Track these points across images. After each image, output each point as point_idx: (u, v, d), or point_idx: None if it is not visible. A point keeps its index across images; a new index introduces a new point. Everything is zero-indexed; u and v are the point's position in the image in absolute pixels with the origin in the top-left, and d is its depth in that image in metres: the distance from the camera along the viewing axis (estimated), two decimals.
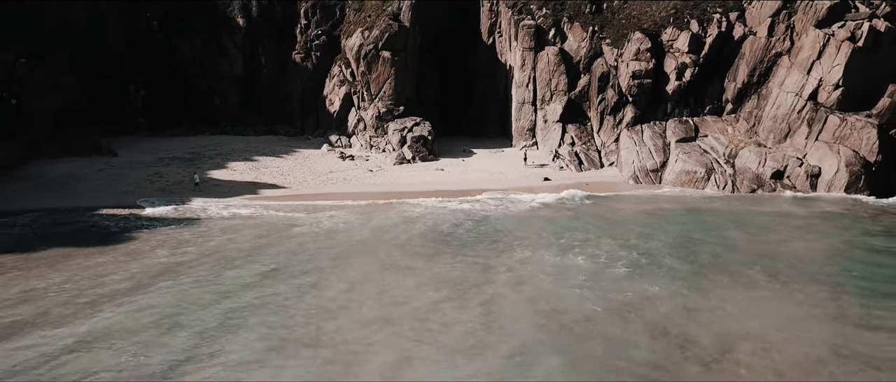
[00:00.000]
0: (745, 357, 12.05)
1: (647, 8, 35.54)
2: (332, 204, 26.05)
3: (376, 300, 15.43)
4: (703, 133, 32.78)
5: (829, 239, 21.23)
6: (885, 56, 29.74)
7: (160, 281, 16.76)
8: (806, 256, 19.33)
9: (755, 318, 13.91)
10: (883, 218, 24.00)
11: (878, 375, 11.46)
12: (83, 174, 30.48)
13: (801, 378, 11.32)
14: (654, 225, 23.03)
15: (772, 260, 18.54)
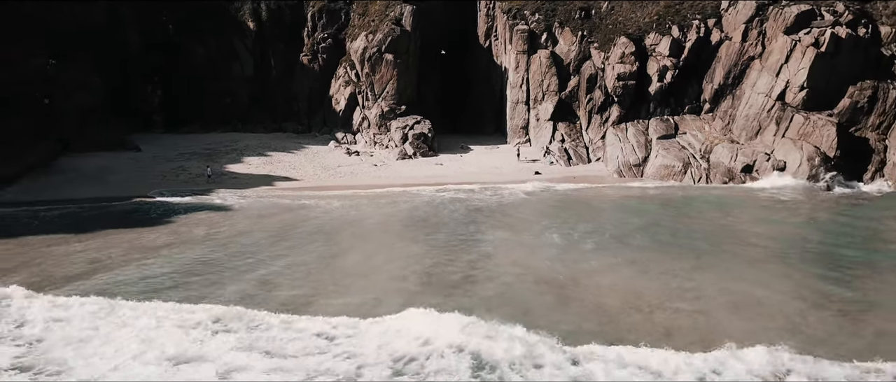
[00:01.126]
0: (676, 306, 15.96)
1: (632, 14, 39.64)
2: (342, 193, 30.15)
3: (389, 261, 19.44)
4: (682, 130, 36.86)
5: (771, 222, 25.25)
6: (845, 60, 33.80)
7: (203, 248, 20.80)
8: (748, 234, 23.31)
9: (687, 282, 17.82)
10: (827, 204, 28.09)
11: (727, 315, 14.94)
12: (113, 167, 34.67)
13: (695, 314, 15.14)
14: (628, 212, 27.10)
15: (716, 237, 22.55)
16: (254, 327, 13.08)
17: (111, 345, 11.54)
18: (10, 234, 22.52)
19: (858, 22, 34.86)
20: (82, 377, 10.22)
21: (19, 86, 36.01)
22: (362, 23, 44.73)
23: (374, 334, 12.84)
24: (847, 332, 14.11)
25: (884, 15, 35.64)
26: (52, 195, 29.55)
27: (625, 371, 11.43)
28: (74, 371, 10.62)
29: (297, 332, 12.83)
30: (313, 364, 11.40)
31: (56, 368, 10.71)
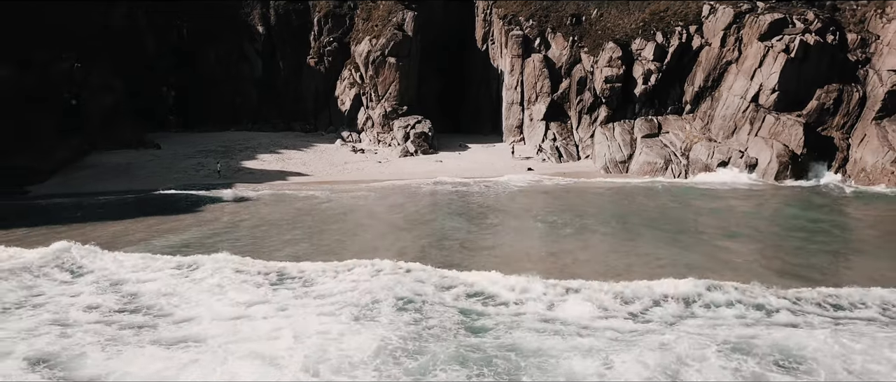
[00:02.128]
0: (627, 263, 19.85)
1: (619, 21, 43.70)
2: (350, 187, 34.22)
3: (397, 238, 23.42)
4: (665, 130, 40.91)
5: (730, 211, 29.20)
6: (813, 65, 37.84)
7: (232, 228, 24.83)
8: (705, 220, 27.24)
9: (634, 251, 21.74)
10: (784, 192, 32.18)
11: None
12: (138, 163, 38.76)
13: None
14: (608, 203, 31.10)
15: (678, 222, 26.50)
16: (296, 278, 17.11)
17: (191, 294, 15.55)
18: (62, 221, 26.56)
19: (827, 29, 38.88)
20: (178, 315, 14.20)
21: (48, 89, 40.18)
22: (366, 27, 48.82)
23: (384, 283, 16.71)
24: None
25: (851, 23, 39.68)
26: (86, 188, 33.69)
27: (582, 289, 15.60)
28: (172, 310, 14.61)
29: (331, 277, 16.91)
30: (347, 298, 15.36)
31: (157, 310, 14.66)
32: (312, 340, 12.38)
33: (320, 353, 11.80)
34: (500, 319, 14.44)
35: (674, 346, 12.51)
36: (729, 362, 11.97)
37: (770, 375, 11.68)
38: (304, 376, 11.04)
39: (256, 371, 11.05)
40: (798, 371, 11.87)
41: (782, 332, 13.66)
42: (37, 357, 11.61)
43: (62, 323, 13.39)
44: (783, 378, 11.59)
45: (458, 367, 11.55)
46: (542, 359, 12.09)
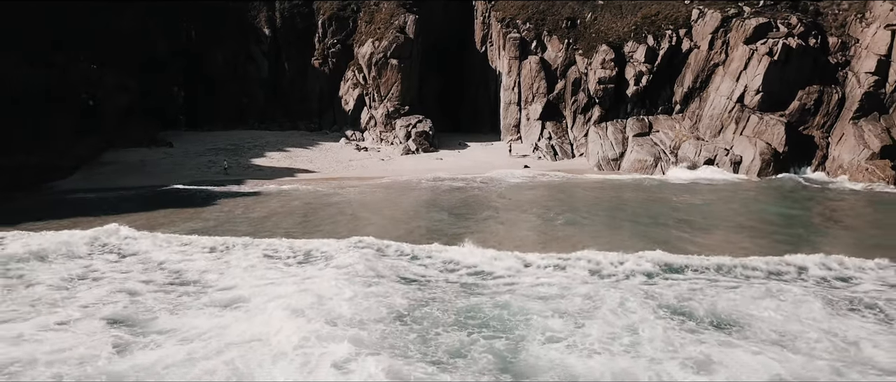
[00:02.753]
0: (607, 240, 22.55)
1: (612, 24, 46.51)
2: (356, 183, 37.00)
3: (403, 224, 26.16)
4: (655, 129, 43.72)
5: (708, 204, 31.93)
6: (796, 67, 40.62)
7: (248, 218, 27.61)
8: (681, 212, 29.98)
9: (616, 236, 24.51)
10: (762, 187, 34.96)
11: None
12: (153, 161, 41.58)
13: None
14: (597, 197, 33.86)
15: (648, 213, 29.16)
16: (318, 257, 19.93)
17: (228, 269, 18.36)
18: (91, 212, 29.28)
19: (809, 33, 41.67)
20: (221, 284, 17.00)
21: (67, 89, 42.97)
22: (369, 30, 51.64)
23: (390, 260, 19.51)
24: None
25: (833, 27, 42.50)
26: (106, 183, 36.48)
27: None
28: (214, 282, 17.38)
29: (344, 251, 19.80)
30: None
31: (202, 282, 17.43)
32: (333, 301, 15.20)
33: (339, 308, 14.65)
34: (494, 285, 17.25)
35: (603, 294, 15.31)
36: (670, 322, 14.65)
37: (687, 316, 14.44)
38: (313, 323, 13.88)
39: (289, 319, 13.85)
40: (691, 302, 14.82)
41: (713, 289, 16.49)
42: (115, 319, 14.38)
43: (128, 292, 16.17)
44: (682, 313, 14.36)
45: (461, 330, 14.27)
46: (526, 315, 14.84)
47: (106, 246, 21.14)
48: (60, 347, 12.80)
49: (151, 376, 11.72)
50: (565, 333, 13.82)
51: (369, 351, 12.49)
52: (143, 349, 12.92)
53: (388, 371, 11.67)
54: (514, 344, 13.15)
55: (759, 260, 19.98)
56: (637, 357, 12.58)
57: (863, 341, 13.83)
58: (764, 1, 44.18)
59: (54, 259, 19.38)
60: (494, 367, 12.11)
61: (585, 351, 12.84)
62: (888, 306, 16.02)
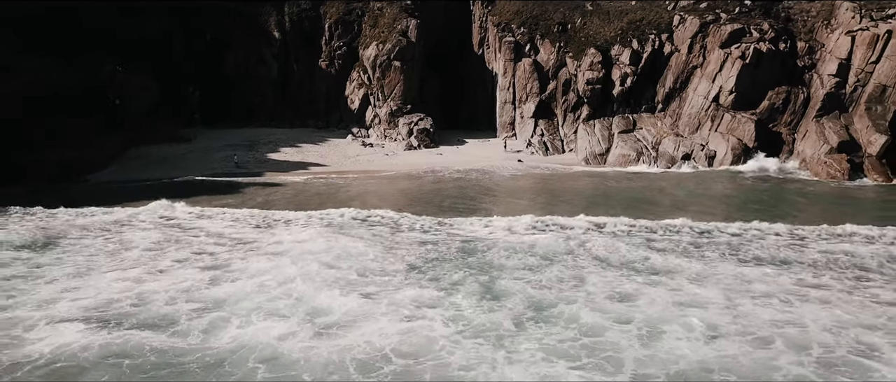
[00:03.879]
0: None
1: (600, 29, 52.33)
2: (363, 175, 42.74)
3: (412, 204, 31.87)
4: (639, 126, 49.49)
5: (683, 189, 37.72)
6: (766, 70, 46.37)
7: (274, 202, 33.31)
8: (654, 195, 35.71)
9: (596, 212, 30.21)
10: (730, 177, 40.73)
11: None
12: (175, 155, 47.31)
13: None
14: (581, 185, 39.59)
15: (626, 197, 34.95)
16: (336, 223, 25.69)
17: (272, 234, 24.16)
18: (131, 199, 34.96)
19: (780, 38, 47.47)
20: (270, 241, 22.78)
21: (94, 90, 48.71)
22: (373, 33, 57.39)
23: (404, 232, 25.23)
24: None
25: (802, 32, 48.30)
26: (136, 175, 42.18)
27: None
28: (263, 244, 23.15)
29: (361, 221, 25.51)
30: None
31: (257, 242, 23.26)
32: (358, 259, 20.96)
33: (354, 264, 20.47)
34: (483, 245, 22.98)
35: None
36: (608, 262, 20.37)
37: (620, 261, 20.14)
38: (352, 270, 19.64)
39: (323, 270, 19.56)
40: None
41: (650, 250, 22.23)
42: (203, 265, 20.14)
43: (205, 250, 21.92)
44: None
45: (460, 271, 19.94)
46: (503, 264, 20.55)
47: (171, 222, 26.90)
48: (169, 284, 18.46)
49: (239, 299, 17.40)
50: (528, 276, 19.56)
51: (394, 286, 18.28)
52: (228, 282, 18.60)
53: (412, 295, 17.40)
54: (493, 281, 18.88)
55: (693, 223, 25.82)
56: (577, 290, 18.29)
57: (755, 281, 19.53)
58: (739, 8, 50.01)
59: (134, 231, 25.12)
60: (480, 291, 17.86)
61: (541, 286, 18.58)
62: (780, 256, 21.82)
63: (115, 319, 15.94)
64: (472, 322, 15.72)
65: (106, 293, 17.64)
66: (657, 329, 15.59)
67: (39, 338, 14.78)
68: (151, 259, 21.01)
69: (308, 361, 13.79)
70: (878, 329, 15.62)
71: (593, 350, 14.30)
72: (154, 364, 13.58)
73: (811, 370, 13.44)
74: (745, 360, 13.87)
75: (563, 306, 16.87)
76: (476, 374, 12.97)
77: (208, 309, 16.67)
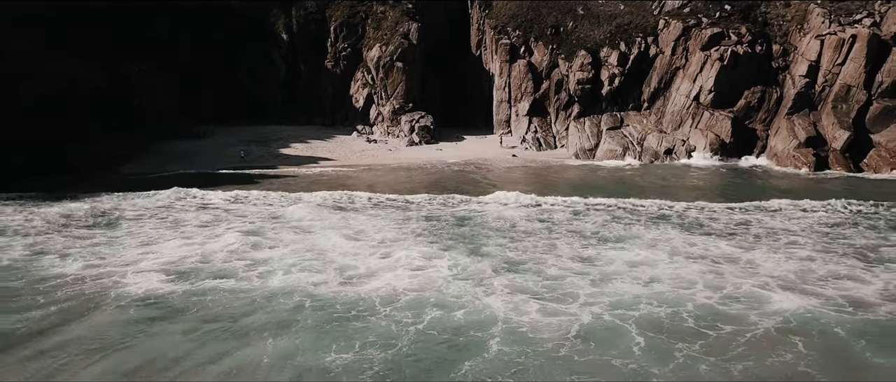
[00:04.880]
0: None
1: (590, 33, 57.70)
2: (370, 168, 48.06)
3: (415, 192, 37.21)
4: (626, 123, 54.85)
5: (660, 179, 43.03)
6: (743, 71, 51.74)
7: (294, 189, 38.62)
8: (630, 183, 40.99)
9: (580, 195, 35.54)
10: (700, 168, 46.02)
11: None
12: (194, 151, 52.61)
13: None
14: (569, 176, 44.90)
15: (604, 185, 40.27)
16: (351, 205, 31.00)
17: (295, 212, 29.55)
18: (166, 187, 40.19)
19: (756, 41, 52.84)
20: (293, 218, 28.12)
21: (117, 90, 54.04)
22: (376, 35, 62.77)
23: (412, 211, 30.54)
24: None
25: (777, 35, 53.67)
26: (163, 168, 47.42)
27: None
28: (296, 221, 28.51)
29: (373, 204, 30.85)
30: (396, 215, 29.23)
31: (284, 217, 28.62)
32: (374, 230, 26.29)
33: (370, 235, 25.79)
34: (476, 218, 28.29)
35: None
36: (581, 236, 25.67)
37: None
38: (369, 238, 24.95)
39: (346, 241, 24.85)
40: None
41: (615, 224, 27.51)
42: (245, 233, 25.45)
43: (245, 224, 27.31)
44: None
45: (455, 238, 25.22)
46: (489, 233, 25.83)
47: (210, 205, 32.29)
48: (220, 247, 23.80)
49: (279, 259, 22.67)
50: (508, 243, 24.89)
51: (404, 248, 23.62)
52: (266, 248, 23.91)
53: (419, 253, 22.73)
54: (479, 246, 24.24)
55: (660, 202, 31.28)
56: (547, 254, 23.57)
57: (698, 245, 24.83)
58: (720, 13, 55.41)
59: (181, 212, 30.49)
60: (470, 251, 23.23)
61: (516, 250, 23.90)
62: (725, 229, 27.14)
63: (189, 271, 21.23)
64: (463, 271, 21.04)
65: (175, 254, 22.96)
66: (608, 278, 20.88)
67: (133, 283, 20.04)
68: (202, 231, 26.32)
69: (339, 299, 19.02)
70: (780, 279, 20.91)
71: (553, 290, 19.58)
72: (229, 297, 18.86)
73: (716, 300, 18.73)
74: (669, 295, 19.14)
75: (531, 264, 22.18)
76: (464, 300, 18.27)
77: (257, 265, 21.98)
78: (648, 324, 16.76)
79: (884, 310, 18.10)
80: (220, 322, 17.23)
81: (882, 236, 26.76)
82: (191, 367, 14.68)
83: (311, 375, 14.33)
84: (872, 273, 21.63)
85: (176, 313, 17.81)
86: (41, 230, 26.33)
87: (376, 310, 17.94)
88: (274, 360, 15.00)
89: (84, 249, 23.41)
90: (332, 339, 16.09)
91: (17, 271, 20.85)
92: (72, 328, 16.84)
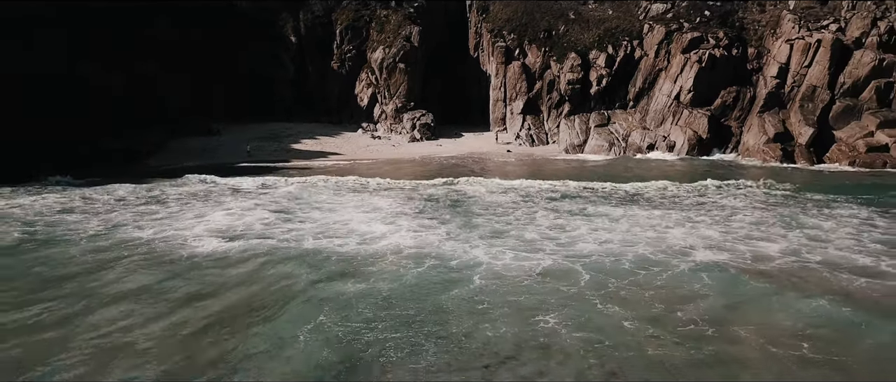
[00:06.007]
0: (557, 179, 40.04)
1: (580, 36, 64.12)
2: (376, 161, 54.42)
3: (419, 179, 43.60)
4: (613, 121, 61.23)
5: (640, 169, 49.33)
6: (719, 72, 58.11)
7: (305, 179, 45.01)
8: (610, 172, 47.28)
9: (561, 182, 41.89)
10: (682, 163, 52.32)
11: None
12: (210, 146, 59.05)
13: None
14: (558, 168, 51.19)
15: (588, 175, 46.61)
16: (365, 187, 37.37)
17: (316, 194, 35.90)
18: (190, 177, 46.57)
19: (733, 45, 59.21)
20: (315, 200, 34.52)
21: (139, 89, 60.51)
22: (380, 38, 69.24)
23: (416, 192, 36.88)
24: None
25: (753, 39, 60.04)
26: (184, 162, 53.89)
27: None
28: (312, 198, 34.90)
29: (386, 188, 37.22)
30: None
31: (306, 199, 35.03)
32: (384, 207, 32.68)
33: (382, 210, 32.17)
34: (469, 199, 34.62)
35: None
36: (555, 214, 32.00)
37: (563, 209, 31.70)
38: (387, 214, 31.33)
39: (363, 215, 31.21)
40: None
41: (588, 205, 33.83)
42: (275, 211, 31.90)
43: (275, 204, 33.74)
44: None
45: (450, 212, 31.59)
46: (479, 210, 32.15)
47: (241, 190, 38.67)
48: (256, 220, 30.17)
49: (306, 229, 29.01)
50: (495, 217, 31.23)
51: (408, 219, 29.96)
52: (293, 222, 30.26)
53: (420, 224, 29.09)
54: (470, 219, 30.62)
55: (631, 185, 37.68)
56: (526, 226, 29.89)
57: (656, 218, 31.14)
58: (700, 18, 61.80)
59: (218, 195, 36.89)
60: (462, 223, 29.61)
61: (502, 223, 30.25)
62: (683, 204, 33.51)
63: (237, 235, 27.59)
64: (456, 236, 27.40)
65: (222, 224, 29.33)
66: (572, 241, 27.21)
67: (197, 245, 26.37)
68: (239, 208, 32.69)
69: (358, 254, 25.33)
70: (708, 240, 27.21)
71: (527, 248, 25.93)
72: (272, 253, 25.19)
73: (650, 253, 25.03)
74: (615, 249, 25.46)
75: (512, 231, 28.56)
76: (455, 253, 24.62)
77: (291, 232, 28.35)
78: (593, 266, 23.09)
79: (776, 261, 24.42)
80: (270, 267, 23.57)
81: (806, 211, 33.13)
82: (257, 292, 20.98)
83: (334, 297, 20.59)
84: (784, 238, 27.97)
85: (235, 263, 24.15)
86: (106, 209, 32.76)
87: (386, 259, 24.29)
88: (308, 286, 21.20)
89: (150, 221, 29.84)
90: (351, 276, 22.38)
91: (103, 237, 27.21)
92: (156, 274, 23.17)
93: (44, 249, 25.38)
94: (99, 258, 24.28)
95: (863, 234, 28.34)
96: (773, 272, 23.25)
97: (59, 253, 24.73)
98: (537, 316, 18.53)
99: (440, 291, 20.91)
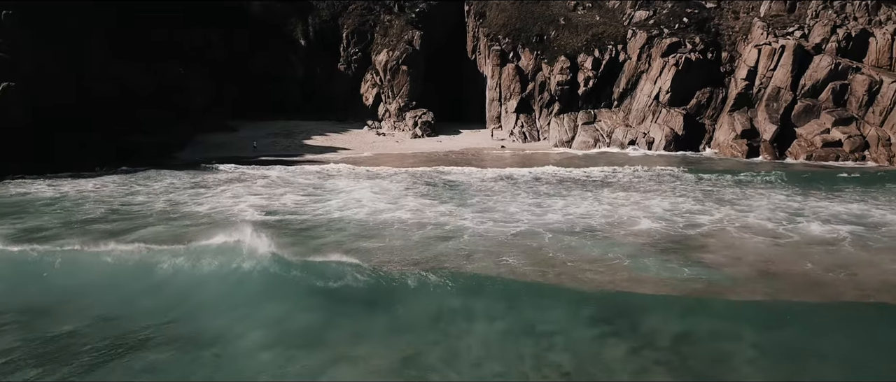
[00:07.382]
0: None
1: (569, 40, 72.67)
2: (382, 155, 62.92)
3: (421, 168, 52.06)
4: (599, 119, 69.74)
5: (619, 160, 57.75)
6: (695, 74, 66.60)
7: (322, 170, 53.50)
8: (594, 163, 55.72)
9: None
10: (658, 157, 60.76)
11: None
12: (230, 141, 67.53)
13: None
14: (549, 162, 59.59)
15: (576, 164, 55.07)
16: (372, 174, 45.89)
17: (333, 180, 44.48)
18: (220, 167, 55.01)
19: (708, 49, 67.68)
20: (333, 185, 43.00)
21: (164, 90, 69.02)
22: (384, 41, 77.79)
23: (418, 178, 45.31)
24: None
25: (727, 44, 68.53)
26: (211, 154, 62.28)
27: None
28: (330, 183, 43.39)
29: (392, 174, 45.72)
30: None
31: (324, 186, 43.52)
32: (394, 192, 41.18)
33: (390, 191, 40.66)
34: (463, 184, 43.06)
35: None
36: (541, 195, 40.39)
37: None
38: (396, 195, 39.80)
39: (366, 194, 39.70)
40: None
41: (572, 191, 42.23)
42: (304, 193, 40.44)
43: (303, 189, 42.23)
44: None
45: (446, 193, 40.02)
46: (473, 192, 40.55)
47: (268, 177, 47.20)
48: (287, 201, 38.65)
49: (331, 206, 37.42)
50: (484, 198, 39.67)
51: (410, 199, 38.42)
52: (319, 202, 38.75)
53: (419, 203, 37.56)
54: (465, 200, 39.09)
55: (604, 169, 46.31)
56: (509, 204, 38.31)
57: (620, 198, 39.57)
58: (678, 25, 70.30)
59: (250, 181, 45.42)
60: (456, 201, 38.11)
61: (492, 201, 38.69)
62: (643, 186, 41.99)
63: (273, 211, 36.09)
64: (450, 211, 35.88)
65: (259, 202, 37.85)
66: (545, 213, 35.72)
67: (241, 213, 34.84)
68: (271, 192, 41.29)
69: (371, 221, 33.77)
70: (653, 213, 35.62)
71: (507, 218, 34.39)
72: (303, 221, 33.66)
73: (603, 222, 33.47)
74: (574, 219, 33.95)
75: (498, 207, 37.05)
76: (450, 221, 33.10)
77: (317, 208, 36.81)
78: (555, 229, 31.63)
79: (703, 228, 32.89)
80: (305, 231, 32.04)
81: (747, 191, 41.56)
82: (303, 238, 29.36)
83: (355, 249, 28.97)
84: (720, 211, 36.44)
85: (277, 228, 32.63)
86: (163, 191, 41.29)
87: (394, 226, 32.81)
88: (331, 242, 29.61)
89: (203, 199, 38.41)
90: (366, 237, 30.88)
91: (171, 212, 35.75)
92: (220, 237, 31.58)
93: (130, 221, 33.95)
94: (174, 223, 32.85)
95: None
96: (694, 235, 31.85)
97: (144, 222, 33.29)
98: (504, 257, 27.05)
99: (437, 245, 29.43)
